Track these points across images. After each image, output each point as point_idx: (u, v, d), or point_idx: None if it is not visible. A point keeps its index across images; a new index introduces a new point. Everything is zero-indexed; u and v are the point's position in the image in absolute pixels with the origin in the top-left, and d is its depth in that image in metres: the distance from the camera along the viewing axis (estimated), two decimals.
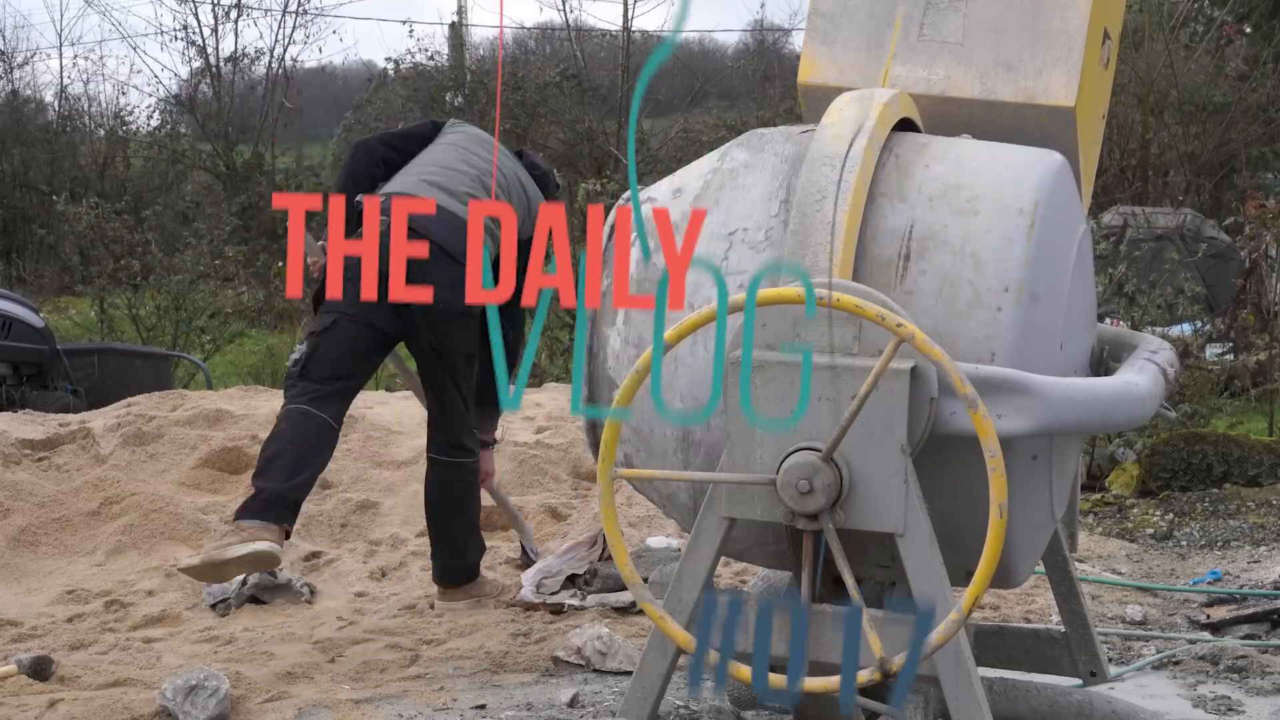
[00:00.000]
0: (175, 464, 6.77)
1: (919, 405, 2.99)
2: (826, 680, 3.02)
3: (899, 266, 3.17)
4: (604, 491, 3.14)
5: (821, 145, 3.19)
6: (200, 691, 4.03)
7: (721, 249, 3.30)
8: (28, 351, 9.67)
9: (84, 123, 22.99)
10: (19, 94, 22.60)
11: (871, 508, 3.00)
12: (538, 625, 5.00)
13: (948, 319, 3.11)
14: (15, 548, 5.93)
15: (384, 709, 4.19)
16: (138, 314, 13.43)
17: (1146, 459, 7.76)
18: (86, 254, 15.20)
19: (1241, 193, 14.05)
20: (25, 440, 6.85)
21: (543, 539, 6.11)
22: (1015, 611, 5.29)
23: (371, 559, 5.94)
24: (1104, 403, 3.14)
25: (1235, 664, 4.59)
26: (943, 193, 3.22)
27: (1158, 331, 9.39)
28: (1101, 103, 3.83)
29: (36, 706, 4.14)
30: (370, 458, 6.95)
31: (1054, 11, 3.55)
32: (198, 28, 22.29)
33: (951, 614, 2.95)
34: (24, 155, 20.70)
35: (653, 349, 2.44)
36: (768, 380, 3.05)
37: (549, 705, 4.16)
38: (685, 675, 4.38)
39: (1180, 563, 6.26)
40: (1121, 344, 3.64)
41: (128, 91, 36.39)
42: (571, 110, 19.33)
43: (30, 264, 18.97)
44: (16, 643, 4.84)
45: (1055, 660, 3.91)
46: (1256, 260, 11.52)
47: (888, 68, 3.61)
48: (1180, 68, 16.69)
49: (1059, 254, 3.25)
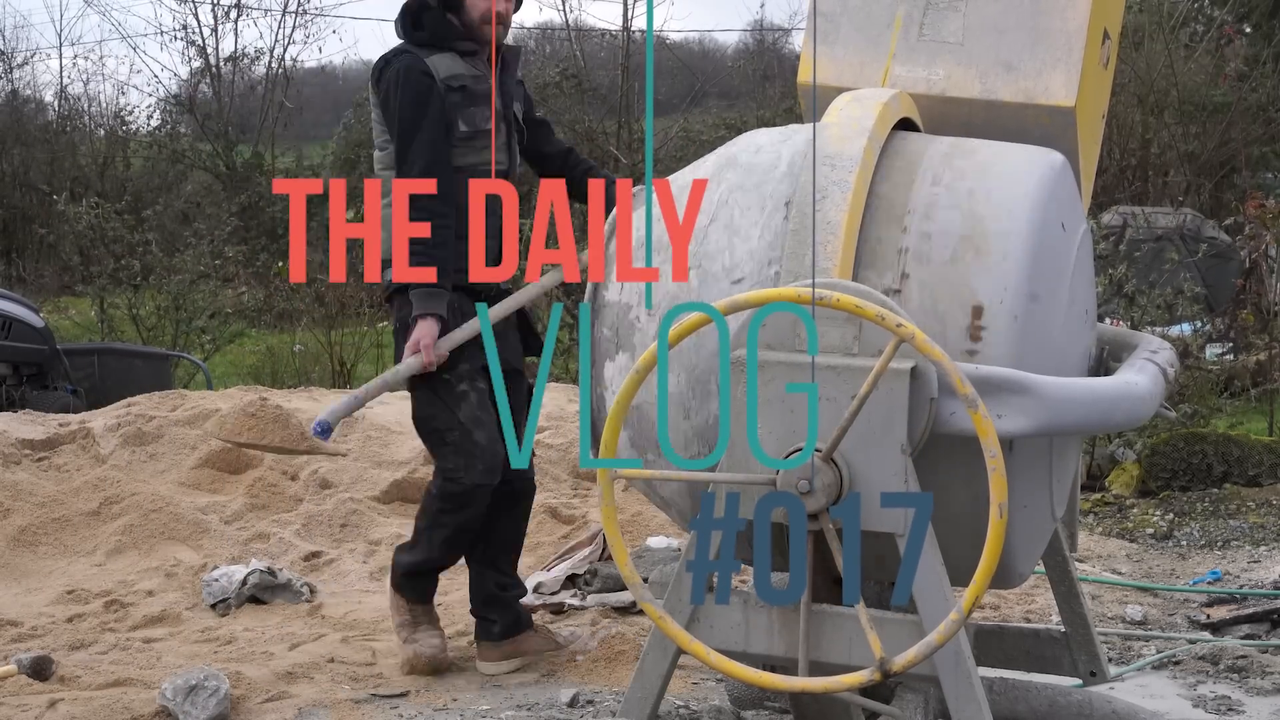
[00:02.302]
0: (175, 464, 6.77)
1: (919, 405, 2.99)
2: (826, 680, 3.02)
3: (899, 266, 3.17)
4: (604, 491, 3.14)
5: (821, 145, 3.19)
6: (200, 691, 4.03)
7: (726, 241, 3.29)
8: (28, 351, 9.67)
9: (84, 123, 23.02)
10: (19, 94, 22.64)
11: (871, 507, 3.00)
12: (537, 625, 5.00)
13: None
14: (15, 548, 5.93)
15: (384, 709, 4.19)
16: (138, 314, 13.42)
17: (1146, 459, 7.76)
18: (86, 254, 15.20)
19: (1241, 193, 14.03)
20: (25, 440, 6.85)
21: (543, 538, 6.11)
22: (1015, 611, 5.29)
23: (371, 559, 5.94)
24: (1104, 403, 3.15)
25: (1235, 664, 4.59)
26: (942, 192, 3.22)
27: (1158, 331, 9.39)
28: (1101, 103, 3.83)
29: (36, 706, 4.14)
30: (370, 458, 6.95)
31: (1054, 11, 3.55)
32: (197, 28, 22.32)
33: (951, 614, 2.95)
34: (24, 155, 20.71)
35: (657, 372, 2.44)
36: (768, 380, 3.05)
37: (549, 705, 4.16)
38: (686, 674, 4.39)
39: (1180, 563, 6.26)
40: (1121, 344, 3.64)
41: (128, 91, 36.43)
42: (571, 110, 19.32)
43: (30, 264, 18.98)
44: (16, 643, 4.85)
45: (1055, 660, 3.91)
46: (1256, 260, 11.51)
47: (888, 68, 3.61)
48: (1180, 68, 16.68)
49: (1059, 254, 3.25)
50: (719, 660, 3.08)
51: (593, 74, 20.55)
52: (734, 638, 3.16)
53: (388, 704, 4.23)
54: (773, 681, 3.07)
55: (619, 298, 3.40)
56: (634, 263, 3.38)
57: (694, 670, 4.44)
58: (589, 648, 4.66)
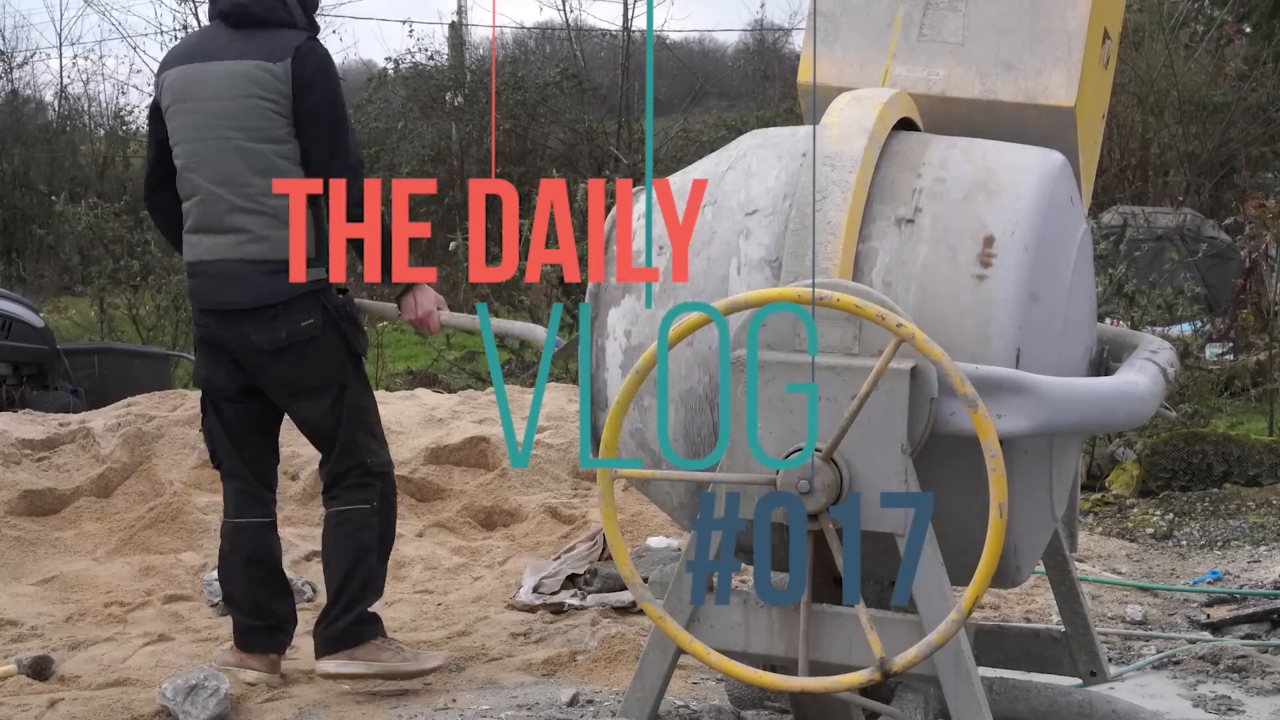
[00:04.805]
0: (175, 464, 6.77)
1: (919, 405, 2.99)
2: (826, 680, 3.02)
3: (913, 202, 3.17)
4: (604, 491, 3.14)
5: (821, 145, 3.19)
6: (200, 691, 4.03)
7: (737, 228, 3.29)
8: (28, 351, 9.67)
9: (84, 123, 22.99)
10: (19, 94, 22.61)
11: (871, 508, 3.00)
12: (538, 625, 5.00)
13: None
14: (15, 547, 5.93)
15: (384, 709, 4.19)
16: (138, 314, 13.43)
17: (1146, 459, 7.76)
18: (86, 254, 15.19)
19: (1241, 193, 14.04)
20: (25, 440, 6.84)
21: (544, 538, 6.11)
22: (1015, 611, 5.29)
23: None
24: (1104, 402, 3.15)
25: (1235, 664, 4.59)
26: (942, 193, 3.22)
27: (1158, 331, 9.39)
28: (1101, 103, 3.83)
29: (36, 706, 4.14)
30: None
31: (1054, 11, 3.55)
32: (197, 27, 22.27)
33: (951, 614, 2.95)
34: (24, 155, 20.68)
35: (657, 379, 2.44)
36: (768, 380, 3.05)
37: (549, 705, 4.16)
38: (686, 674, 4.39)
39: (1180, 563, 6.26)
40: (1121, 344, 3.64)
41: (128, 91, 36.37)
42: (571, 110, 19.34)
43: (30, 264, 18.96)
44: (16, 643, 4.85)
45: (1055, 660, 3.91)
46: (1256, 260, 11.51)
47: (888, 68, 3.61)
48: (1180, 68, 16.69)
49: (1059, 254, 3.25)
50: (719, 660, 3.08)
51: (593, 74, 20.57)
52: (734, 638, 3.16)
53: (388, 704, 4.23)
54: (773, 681, 3.07)
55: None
56: (634, 263, 3.38)
57: (694, 670, 4.44)
58: (589, 648, 4.66)
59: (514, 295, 10.68)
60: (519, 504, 6.47)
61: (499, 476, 6.68)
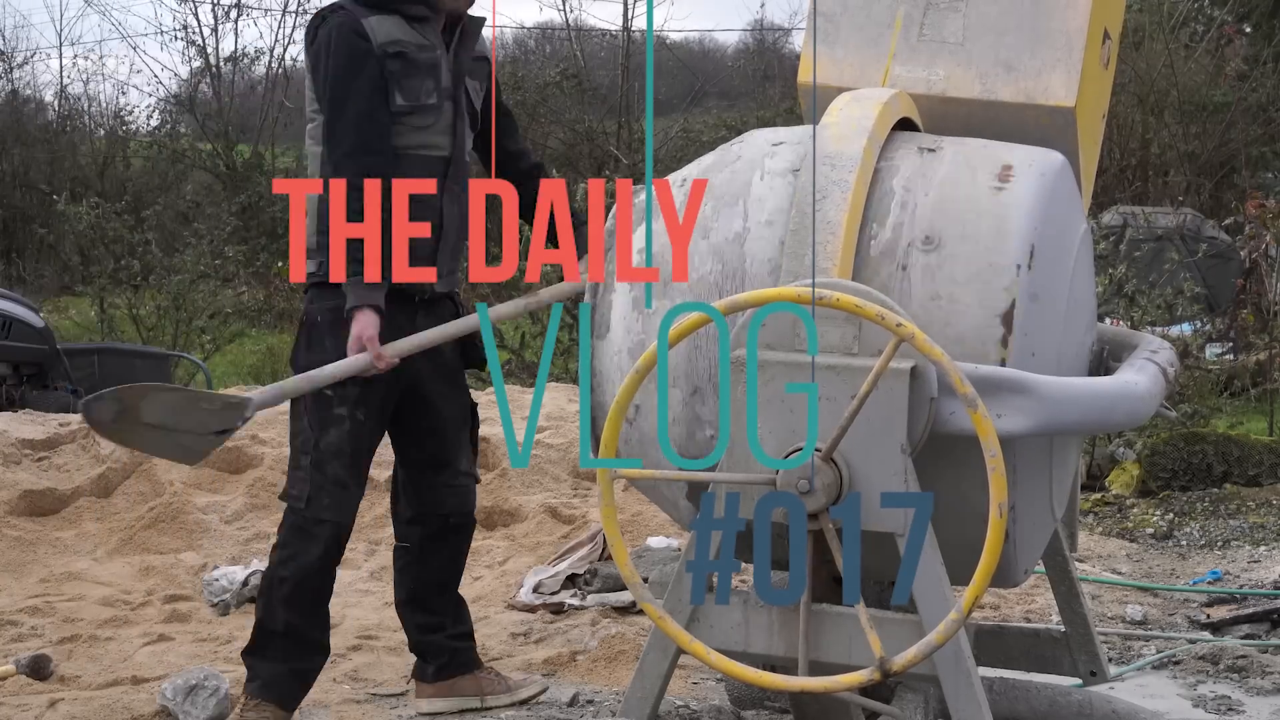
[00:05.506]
0: (175, 464, 6.77)
1: (919, 405, 2.99)
2: (826, 680, 3.02)
3: (898, 266, 3.17)
4: (604, 491, 3.14)
5: (821, 145, 3.19)
6: (200, 691, 4.03)
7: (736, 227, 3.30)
8: (28, 351, 9.66)
9: (84, 123, 22.98)
10: (19, 94, 22.62)
11: (871, 507, 3.00)
12: (538, 625, 5.00)
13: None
14: (15, 547, 5.93)
15: (384, 709, 4.19)
16: (138, 314, 13.43)
17: (1146, 459, 7.77)
18: (86, 254, 15.21)
19: (1241, 193, 14.05)
20: (25, 440, 6.85)
21: (544, 538, 6.11)
22: (1015, 611, 5.29)
23: (372, 558, 5.94)
24: (1104, 402, 3.15)
25: (1235, 664, 4.59)
26: (943, 193, 3.22)
27: (1158, 331, 9.39)
28: (1101, 103, 3.83)
29: (36, 706, 4.14)
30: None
31: (1054, 12, 3.55)
32: (197, 27, 22.23)
33: (951, 614, 2.95)
34: (24, 155, 20.69)
35: (657, 376, 2.44)
36: (767, 380, 3.05)
37: (549, 705, 4.16)
38: (686, 674, 4.39)
39: (1180, 563, 6.26)
40: (1121, 344, 3.64)
41: (128, 91, 36.39)
42: (571, 110, 19.33)
43: (30, 264, 18.97)
44: (16, 642, 4.84)
45: (1055, 660, 3.91)
46: (1256, 260, 11.53)
47: (888, 68, 3.61)
48: (1180, 68, 16.69)
49: (1059, 254, 3.25)
50: (719, 660, 3.08)
51: (593, 74, 20.56)
52: (734, 638, 3.16)
53: (387, 704, 4.23)
54: (773, 681, 3.07)
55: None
56: (634, 263, 3.38)
57: (694, 670, 4.44)
58: (589, 648, 4.66)
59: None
60: (519, 504, 6.47)
61: (499, 476, 6.67)
